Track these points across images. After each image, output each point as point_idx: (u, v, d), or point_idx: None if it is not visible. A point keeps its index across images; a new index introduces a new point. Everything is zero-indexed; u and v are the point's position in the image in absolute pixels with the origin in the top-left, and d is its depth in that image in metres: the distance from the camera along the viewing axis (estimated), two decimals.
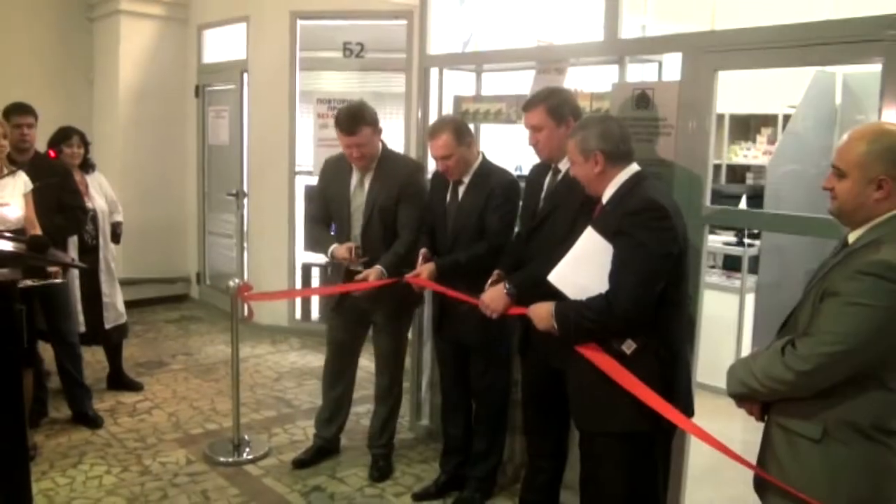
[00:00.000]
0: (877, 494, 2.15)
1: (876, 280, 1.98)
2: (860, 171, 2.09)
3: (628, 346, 2.71)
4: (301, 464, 4.36)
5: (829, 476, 2.14)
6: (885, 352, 2.04)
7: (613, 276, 2.67)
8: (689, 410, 2.87)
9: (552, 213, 3.30)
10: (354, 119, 3.88)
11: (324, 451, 4.46)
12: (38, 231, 4.11)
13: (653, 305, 2.66)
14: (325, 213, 4.22)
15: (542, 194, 3.39)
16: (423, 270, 3.71)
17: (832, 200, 2.19)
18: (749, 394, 2.28)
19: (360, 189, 4.05)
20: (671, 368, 2.77)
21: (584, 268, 2.76)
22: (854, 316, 2.01)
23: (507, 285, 3.25)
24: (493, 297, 3.27)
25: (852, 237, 2.17)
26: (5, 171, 4.08)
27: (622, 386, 2.65)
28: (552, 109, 3.24)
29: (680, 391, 2.80)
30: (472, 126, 4.26)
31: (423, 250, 3.80)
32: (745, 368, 2.27)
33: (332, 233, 4.19)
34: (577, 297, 2.76)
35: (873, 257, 2.02)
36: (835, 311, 2.05)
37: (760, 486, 2.38)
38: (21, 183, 4.14)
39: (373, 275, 3.83)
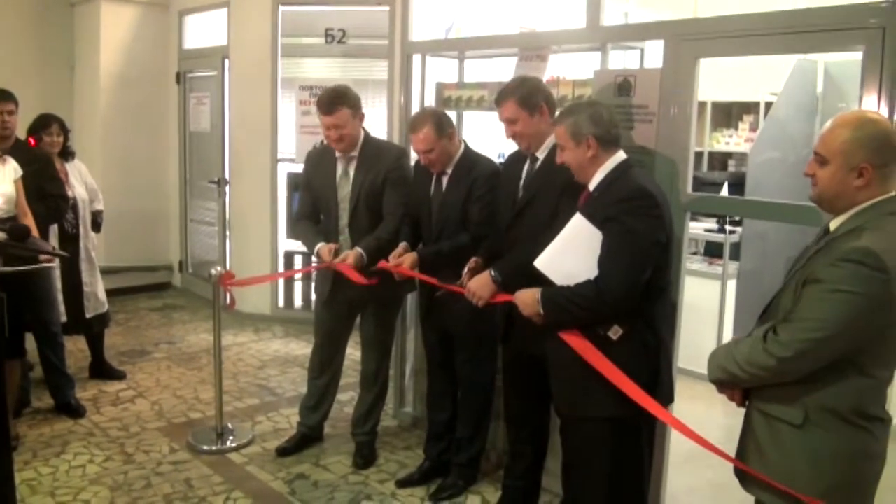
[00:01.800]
0: (856, 478, 2.18)
1: (856, 267, 2.00)
2: (842, 158, 2.10)
3: (615, 332, 2.73)
4: (285, 452, 4.36)
5: (810, 461, 2.16)
6: (865, 338, 2.06)
7: (603, 263, 2.69)
8: (670, 396, 2.91)
9: (532, 201, 3.29)
10: (333, 98, 3.87)
11: (308, 438, 4.45)
12: (29, 218, 4.12)
13: (641, 292, 2.69)
14: (312, 207, 4.20)
15: (521, 182, 3.39)
16: (406, 259, 3.71)
17: (813, 187, 2.20)
18: (730, 380, 2.29)
19: (345, 178, 4.04)
20: (656, 354, 2.80)
21: (571, 254, 2.77)
22: (835, 302, 2.03)
23: (493, 272, 3.25)
24: (480, 284, 3.26)
25: (834, 224, 2.19)
26: None
27: (603, 374, 2.67)
28: (523, 100, 3.23)
29: (663, 377, 2.83)
30: (454, 113, 4.27)
31: (402, 244, 3.81)
32: (726, 355, 2.28)
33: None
34: (563, 283, 2.77)
35: (854, 244, 2.03)
36: (816, 298, 2.07)
37: (741, 471, 2.40)
38: (11, 169, 4.13)
39: (352, 256, 3.82)
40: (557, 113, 3.07)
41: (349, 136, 3.95)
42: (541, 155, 3.30)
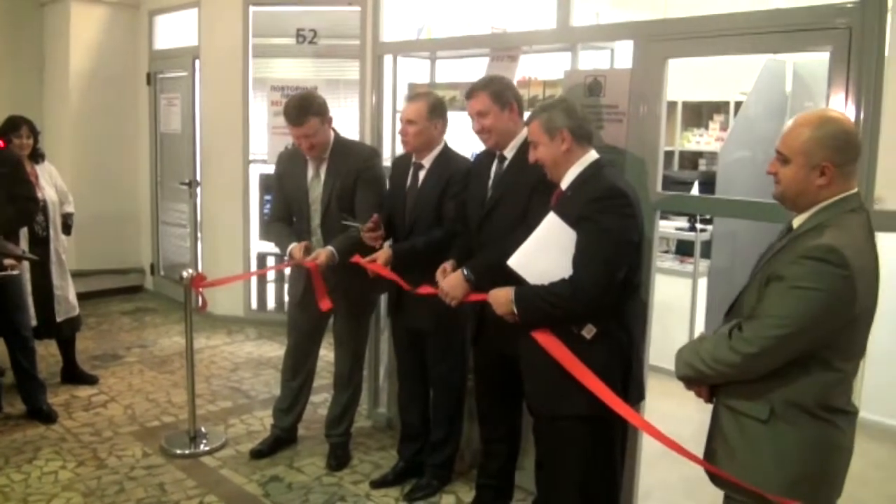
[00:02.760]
0: (822, 470, 2.20)
1: (818, 264, 2.03)
2: (804, 157, 2.13)
3: (588, 331, 2.74)
4: (259, 454, 4.34)
5: (777, 455, 2.18)
6: (829, 333, 2.09)
7: (578, 262, 2.70)
8: (641, 394, 2.95)
9: (501, 201, 3.30)
10: (300, 110, 3.86)
11: (281, 441, 4.44)
12: None
13: (615, 291, 2.70)
14: (285, 211, 4.19)
15: (490, 182, 3.40)
16: (379, 256, 3.69)
17: (776, 185, 2.23)
18: (697, 377, 2.32)
19: (316, 180, 4.03)
20: (629, 352, 2.82)
21: (545, 253, 2.78)
22: (798, 299, 2.05)
23: (466, 271, 3.25)
24: (453, 284, 3.26)
25: (796, 222, 2.22)
26: None
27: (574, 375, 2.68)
28: (495, 94, 3.26)
29: (635, 375, 2.87)
30: None
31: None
32: (692, 352, 2.31)
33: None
34: (537, 282, 2.78)
35: (816, 242, 2.06)
36: (779, 295, 2.09)
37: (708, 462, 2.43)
38: None
39: (323, 255, 3.81)
40: (529, 113, 3.08)
41: (320, 143, 3.96)
42: (509, 154, 3.32)
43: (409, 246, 3.72)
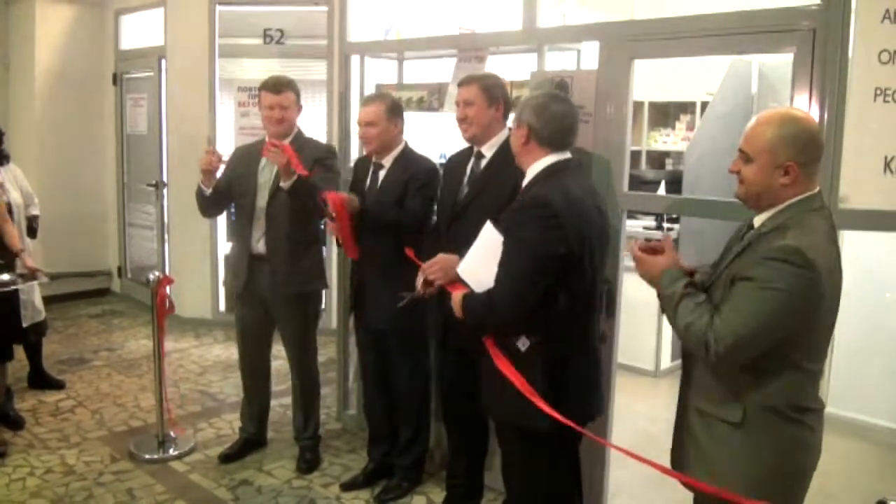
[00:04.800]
0: (794, 468, 2.23)
1: (781, 264, 2.04)
2: (768, 156, 2.13)
3: (522, 343, 2.67)
4: (228, 458, 4.32)
5: (749, 456, 2.20)
6: (794, 333, 2.10)
7: (497, 274, 2.61)
8: (586, 413, 2.79)
9: (476, 199, 3.29)
10: (281, 82, 3.97)
11: (250, 443, 4.42)
12: (9, 223, 4.28)
13: (533, 304, 2.60)
14: (223, 193, 4.10)
15: (465, 179, 3.39)
16: (350, 198, 3.62)
17: (739, 185, 2.23)
18: (664, 306, 2.31)
19: (269, 166, 3.95)
20: (560, 369, 2.68)
21: (483, 261, 2.69)
22: (761, 300, 2.06)
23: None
24: (445, 266, 2.96)
25: (757, 221, 2.23)
26: None
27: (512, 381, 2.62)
28: (486, 88, 3.27)
29: (573, 393, 2.72)
30: None
31: None
32: (685, 307, 2.22)
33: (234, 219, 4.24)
34: (478, 289, 2.70)
35: (780, 243, 2.07)
36: (744, 296, 2.10)
37: (677, 465, 2.45)
38: None
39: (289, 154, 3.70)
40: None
41: (289, 119, 3.99)
42: (487, 152, 3.32)
43: (380, 210, 3.66)
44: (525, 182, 2.77)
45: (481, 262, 2.70)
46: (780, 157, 2.12)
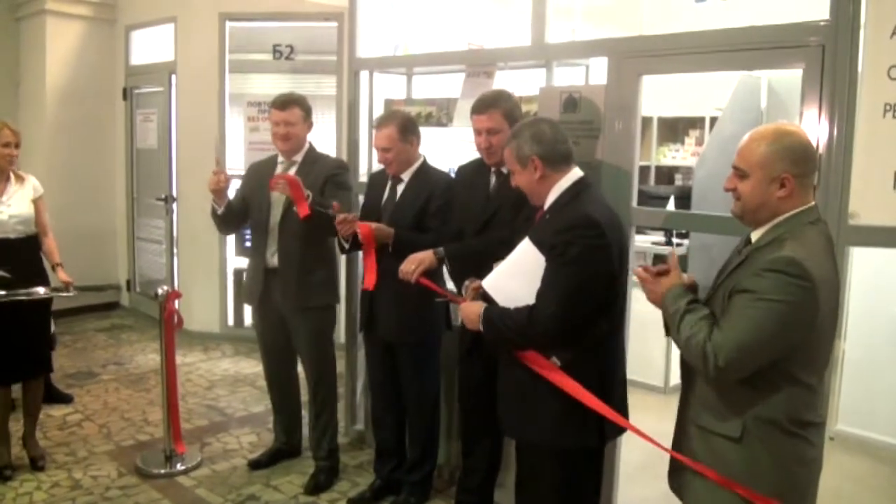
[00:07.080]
0: (796, 484, 2.21)
1: (778, 276, 2.04)
2: (763, 170, 2.15)
3: (556, 361, 2.65)
4: (256, 465, 4.39)
5: (749, 472, 2.18)
6: (793, 345, 2.10)
7: (540, 293, 2.60)
8: (616, 427, 2.78)
9: (499, 212, 3.33)
10: (289, 98, 3.99)
11: (282, 452, 4.48)
12: (50, 238, 4.40)
13: (578, 326, 2.60)
14: (237, 209, 4.13)
15: (489, 192, 3.42)
16: (379, 227, 3.64)
17: (736, 202, 2.25)
18: (669, 323, 2.33)
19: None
20: (596, 388, 2.65)
21: (516, 277, 2.69)
22: (759, 311, 2.06)
23: (440, 249, 3.33)
24: (415, 259, 3.36)
25: (755, 236, 2.24)
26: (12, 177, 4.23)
27: (566, 391, 2.60)
28: (508, 113, 3.28)
29: (615, 407, 2.71)
30: None
31: None
32: (683, 316, 2.26)
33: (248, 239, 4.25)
34: (505, 304, 2.70)
35: (776, 254, 2.07)
36: (742, 308, 2.10)
37: (675, 481, 2.45)
38: (30, 188, 4.29)
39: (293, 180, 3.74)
40: None
41: (296, 136, 3.99)
42: (506, 170, 3.32)
43: (414, 236, 3.65)
44: (550, 201, 2.73)
45: (515, 278, 2.70)
46: (776, 170, 2.14)
